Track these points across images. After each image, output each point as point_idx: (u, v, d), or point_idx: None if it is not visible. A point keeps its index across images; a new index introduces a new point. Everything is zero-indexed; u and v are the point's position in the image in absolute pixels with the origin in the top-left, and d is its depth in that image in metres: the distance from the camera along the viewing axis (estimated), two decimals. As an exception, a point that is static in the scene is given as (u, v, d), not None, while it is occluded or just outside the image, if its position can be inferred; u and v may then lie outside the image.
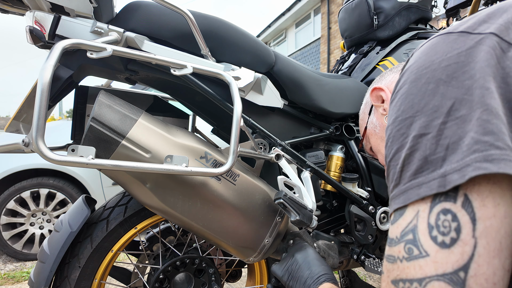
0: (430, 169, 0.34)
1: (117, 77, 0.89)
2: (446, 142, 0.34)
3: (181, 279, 0.94)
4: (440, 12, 1.50)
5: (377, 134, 0.80)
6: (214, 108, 0.90)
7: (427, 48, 0.41)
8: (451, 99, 0.35)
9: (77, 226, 0.81)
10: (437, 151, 0.34)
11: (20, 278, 2.05)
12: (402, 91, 0.41)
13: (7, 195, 2.19)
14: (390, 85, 0.77)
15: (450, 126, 0.34)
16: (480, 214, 0.31)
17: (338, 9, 9.66)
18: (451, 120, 0.34)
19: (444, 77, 0.37)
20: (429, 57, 0.40)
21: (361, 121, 0.88)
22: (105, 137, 0.65)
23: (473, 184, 0.32)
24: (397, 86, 0.43)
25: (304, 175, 0.93)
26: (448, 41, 0.39)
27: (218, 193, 0.74)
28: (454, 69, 0.36)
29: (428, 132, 0.36)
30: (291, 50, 13.01)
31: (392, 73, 0.79)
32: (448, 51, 0.38)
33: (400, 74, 0.44)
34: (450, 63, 0.37)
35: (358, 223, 1.05)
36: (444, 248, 0.32)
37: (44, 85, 0.52)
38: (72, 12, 0.69)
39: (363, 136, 0.85)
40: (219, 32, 0.82)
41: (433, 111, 0.36)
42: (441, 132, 0.35)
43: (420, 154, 0.36)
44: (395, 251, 0.36)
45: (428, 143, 0.35)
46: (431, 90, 0.37)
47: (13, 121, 0.77)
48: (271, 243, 0.82)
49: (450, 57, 0.37)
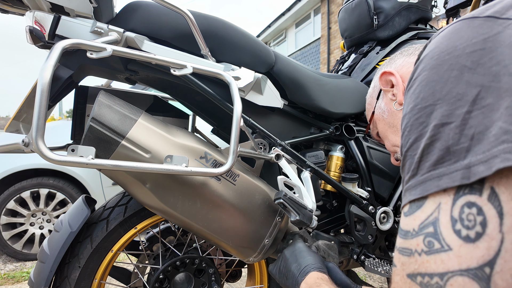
0: (453, 160, 0.32)
1: (117, 77, 0.89)
2: (471, 132, 0.32)
3: (181, 279, 0.94)
4: (440, 12, 1.50)
5: (385, 119, 0.77)
6: (214, 108, 0.90)
7: (449, 33, 0.38)
8: (477, 87, 0.33)
9: (77, 226, 0.81)
10: (460, 141, 0.32)
11: (20, 278, 2.05)
12: (421, 78, 0.38)
13: (7, 195, 2.19)
14: (400, 69, 0.73)
15: (475, 115, 0.32)
16: (508, 208, 0.29)
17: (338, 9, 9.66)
18: (476, 109, 0.32)
19: (469, 63, 0.34)
20: (452, 42, 0.37)
21: (368, 105, 0.85)
22: (105, 137, 0.65)
23: (500, 176, 0.30)
24: (415, 73, 0.40)
25: (304, 175, 0.93)
26: (473, 26, 0.36)
27: (218, 193, 0.74)
28: (480, 55, 0.34)
29: (451, 121, 0.33)
30: (291, 50, 13.01)
31: (402, 56, 0.76)
32: (474, 37, 0.35)
33: (418, 60, 0.41)
34: (475, 49, 0.34)
35: (358, 223, 1.05)
36: (469, 242, 0.30)
37: (44, 85, 0.52)
38: (72, 12, 0.69)
39: (370, 121, 0.83)
40: (219, 32, 0.82)
41: (456, 99, 0.34)
42: (466, 121, 0.32)
43: (441, 144, 0.34)
44: (412, 244, 0.34)
45: (451, 132, 0.33)
46: (455, 77, 0.35)
47: (13, 121, 0.77)
48: (271, 243, 0.82)
49: (475, 42, 0.35)
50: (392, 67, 0.76)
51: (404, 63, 0.73)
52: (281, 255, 0.77)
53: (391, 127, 0.74)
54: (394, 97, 0.72)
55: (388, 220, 1.06)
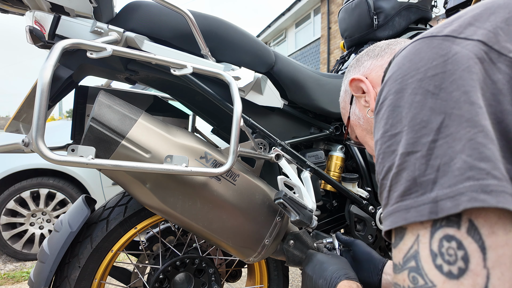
0: (420, 192, 0.31)
1: (117, 77, 0.89)
2: (436, 163, 0.31)
3: (181, 279, 0.94)
4: (440, 12, 1.50)
5: (361, 125, 0.74)
6: (214, 108, 0.90)
7: (410, 53, 0.38)
8: (441, 114, 0.32)
9: (77, 226, 0.81)
10: (427, 172, 0.31)
11: (20, 278, 2.05)
12: (387, 102, 0.37)
13: (7, 195, 2.19)
14: (369, 74, 0.70)
15: (440, 144, 0.31)
16: (490, 242, 0.28)
17: (338, 9, 9.66)
18: (441, 137, 0.31)
19: (431, 88, 0.33)
20: (414, 64, 0.36)
21: (343, 110, 0.81)
22: (105, 137, 0.65)
23: (478, 210, 0.29)
24: (381, 95, 0.39)
25: (304, 175, 0.93)
26: (432, 45, 0.36)
27: (218, 193, 0.74)
28: (442, 79, 0.33)
29: (416, 150, 0.33)
30: (291, 50, 13.01)
31: (369, 58, 0.72)
32: (434, 58, 0.35)
33: (383, 82, 0.40)
34: (437, 72, 0.34)
35: (358, 223, 1.05)
36: (452, 279, 0.29)
37: (44, 85, 0.52)
38: (72, 12, 0.69)
39: (347, 126, 0.80)
40: (219, 32, 0.82)
41: (421, 126, 0.33)
42: (431, 151, 0.32)
43: (408, 174, 0.33)
44: (399, 279, 0.34)
45: (417, 162, 0.32)
46: (418, 102, 0.34)
47: (13, 121, 0.77)
48: (271, 243, 0.82)
49: (436, 65, 0.34)
50: (360, 71, 0.73)
51: (372, 66, 0.70)
52: (304, 275, 0.76)
53: (369, 133, 0.72)
54: (367, 103, 0.70)
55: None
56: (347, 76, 0.77)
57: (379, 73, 0.67)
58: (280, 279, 1.09)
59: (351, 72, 0.76)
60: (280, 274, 1.09)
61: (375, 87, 0.67)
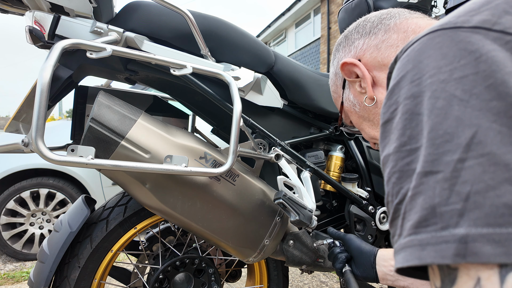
0: (439, 225, 0.24)
1: (117, 77, 0.89)
2: (465, 190, 0.24)
3: (180, 279, 0.94)
4: (440, 12, 1.50)
5: (357, 112, 0.66)
6: (214, 108, 0.90)
7: (428, 48, 0.30)
8: (472, 127, 0.25)
9: (77, 226, 0.81)
10: (451, 200, 0.24)
11: (20, 278, 2.05)
12: (402, 109, 0.30)
13: (7, 195, 2.19)
14: (362, 55, 0.61)
15: (470, 166, 0.24)
16: None
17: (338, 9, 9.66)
18: (472, 157, 0.24)
19: (459, 93, 0.26)
20: (433, 61, 0.29)
21: (334, 94, 0.73)
22: (104, 137, 0.65)
23: None
24: (392, 100, 0.32)
25: (303, 175, 0.93)
26: (457, 39, 0.28)
27: (218, 193, 0.74)
28: (473, 82, 0.26)
29: (437, 170, 0.26)
30: (291, 50, 13.01)
31: (360, 36, 0.63)
32: (461, 55, 0.27)
33: (392, 83, 0.33)
34: (466, 74, 0.26)
35: (357, 223, 1.05)
36: None
37: (44, 85, 0.52)
38: (71, 12, 0.69)
39: (341, 112, 0.72)
40: (219, 32, 0.82)
41: (444, 140, 0.26)
42: (457, 173, 0.24)
43: (424, 201, 0.26)
44: None
45: (438, 186, 0.25)
46: (440, 109, 0.27)
47: (13, 121, 0.77)
48: (270, 243, 0.82)
49: (464, 65, 0.26)
50: (351, 51, 0.64)
51: (365, 47, 0.61)
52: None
53: (366, 121, 0.65)
54: (363, 89, 0.62)
55: (387, 220, 1.06)
56: (336, 56, 0.68)
57: (374, 54, 0.59)
58: (280, 279, 1.09)
59: (340, 52, 0.66)
60: (280, 274, 1.09)
61: (370, 71, 0.60)
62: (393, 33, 0.57)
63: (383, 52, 0.57)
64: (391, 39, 0.57)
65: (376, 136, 0.65)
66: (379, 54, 0.58)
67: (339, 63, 0.65)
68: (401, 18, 0.58)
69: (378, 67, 0.58)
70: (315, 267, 0.91)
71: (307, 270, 0.95)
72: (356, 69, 0.60)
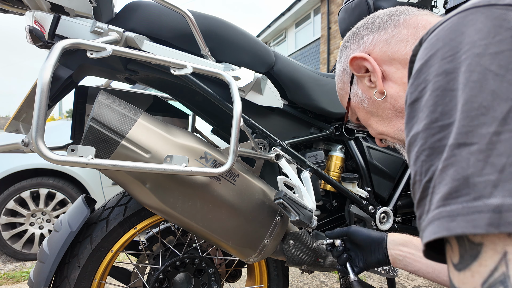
0: (472, 196, 0.24)
1: (117, 77, 0.89)
2: (500, 162, 0.24)
3: (181, 279, 0.94)
4: (440, 12, 1.50)
5: (365, 108, 0.66)
6: (214, 108, 0.90)
7: (459, 25, 0.30)
8: (509, 101, 0.25)
9: (77, 226, 0.81)
10: (485, 171, 0.24)
11: (20, 278, 2.05)
12: (432, 87, 0.30)
13: (7, 195, 2.19)
14: (372, 50, 0.61)
15: (506, 139, 0.24)
16: None
17: (338, 9, 9.66)
18: (507, 130, 0.24)
19: (494, 67, 0.26)
20: (467, 37, 0.28)
21: (341, 91, 0.72)
22: (104, 137, 0.65)
23: None
24: (420, 79, 0.32)
25: (304, 175, 0.93)
26: (492, 16, 0.28)
27: (218, 193, 0.74)
28: (509, 58, 0.26)
29: (471, 142, 0.25)
30: (291, 50, 13.01)
31: (369, 32, 0.63)
32: (496, 32, 0.27)
33: (418, 64, 0.33)
34: (502, 49, 0.26)
35: (358, 223, 1.05)
36: None
37: (44, 85, 0.52)
38: (71, 12, 0.69)
39: (347, 109, 0.72)
40: (219, 32, 0.82)
41: (479, 113, 0.26)
42: (493, 145, 0.24)
43: (456, 172, 0.25)
44: None
45: (472, 158, 0.25)
46: (475, 82, 0.27)
47: (13, 121, 0.77)
48: (271, 243, 0.82)
49: (500, 40, 0.27)
50: (360, 47, 0.64)
51: (374, 42, 0.61)
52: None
53: (374, 116, 0.65)
54: (373, 84, 0.61)
55: (387, 220, 1.06)
56: (343, 53, 0.68)
57: (384, 48, 0.59)
58: (280, 279, 1.09)
59: (348, 48, 0.66)
60: (280, 274, 1.09)
61: (380, 65, 0.60)
62: (403, 28, 0.57)
63: (393, 47, 0.57)
64: (401, 34, 0.57)
65: (384, 131, 0.64)
66: (389, 48, 0.58)
67: (347, 59, 0.65)
68: (410, 15, 0.58)
69: (388, 62, 0.58)
70: (315, 267, 0.92)
71: (307, 270, 0.95)
72: (366, 63, 0.60)
